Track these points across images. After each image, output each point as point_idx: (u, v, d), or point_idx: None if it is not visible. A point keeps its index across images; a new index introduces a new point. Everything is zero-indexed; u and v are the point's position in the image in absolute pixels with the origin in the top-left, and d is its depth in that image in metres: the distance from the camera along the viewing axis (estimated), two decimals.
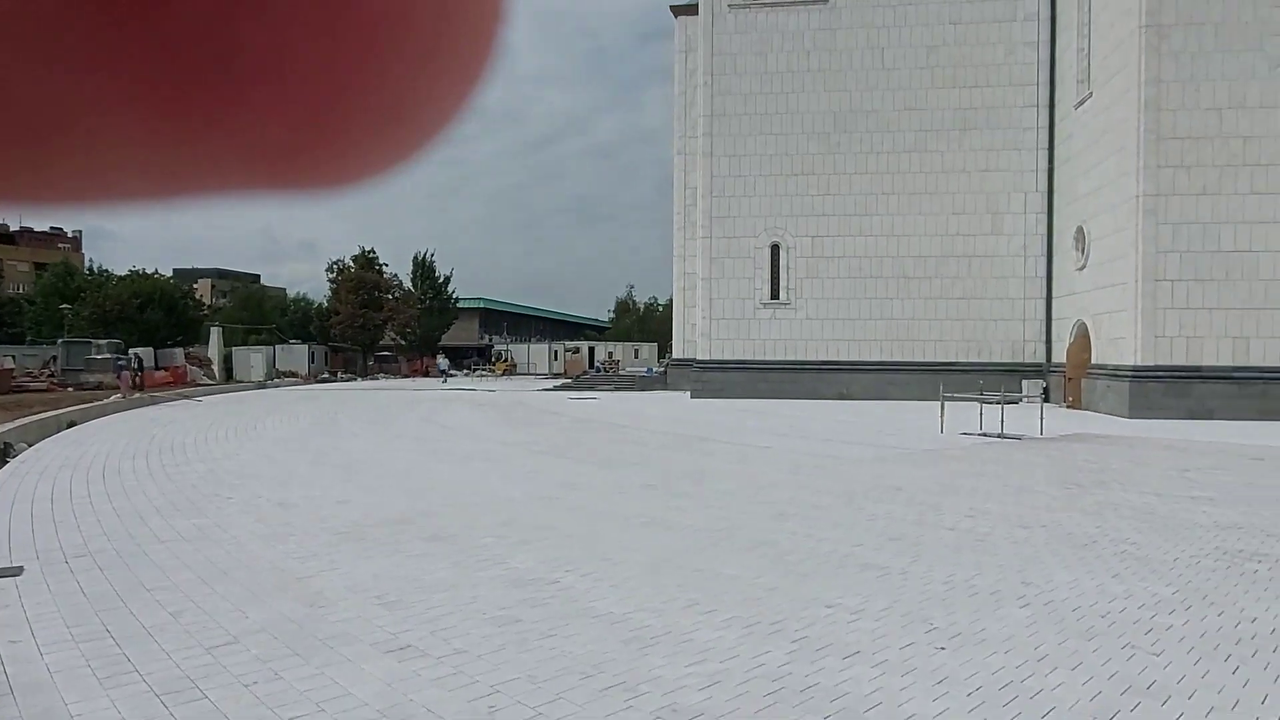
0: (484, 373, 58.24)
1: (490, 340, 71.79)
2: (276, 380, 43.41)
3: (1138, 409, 21.62)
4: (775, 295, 30.54)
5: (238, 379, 42.82)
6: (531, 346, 66.76)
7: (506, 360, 62.14)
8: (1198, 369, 21.69)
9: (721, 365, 30.60)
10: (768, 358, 30.41)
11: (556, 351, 62.60)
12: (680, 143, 37.34)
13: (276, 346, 51.66)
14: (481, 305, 72.33)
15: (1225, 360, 21.68)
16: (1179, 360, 21.76)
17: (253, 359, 45.47)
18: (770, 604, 5.74)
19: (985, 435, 17.06)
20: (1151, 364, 21.79)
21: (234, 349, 47.23)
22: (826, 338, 30.05)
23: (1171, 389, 21.63)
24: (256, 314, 59.90)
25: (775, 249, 30.57)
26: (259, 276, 73.10)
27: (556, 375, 55.29)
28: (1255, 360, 21.59)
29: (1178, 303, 21.79)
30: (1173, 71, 21.79)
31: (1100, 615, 5.53)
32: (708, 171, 31.05)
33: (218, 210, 0.24)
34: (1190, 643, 5.02)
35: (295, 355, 51.33)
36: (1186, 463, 13.29)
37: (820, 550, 7.30)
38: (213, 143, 0.20)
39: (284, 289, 72.99)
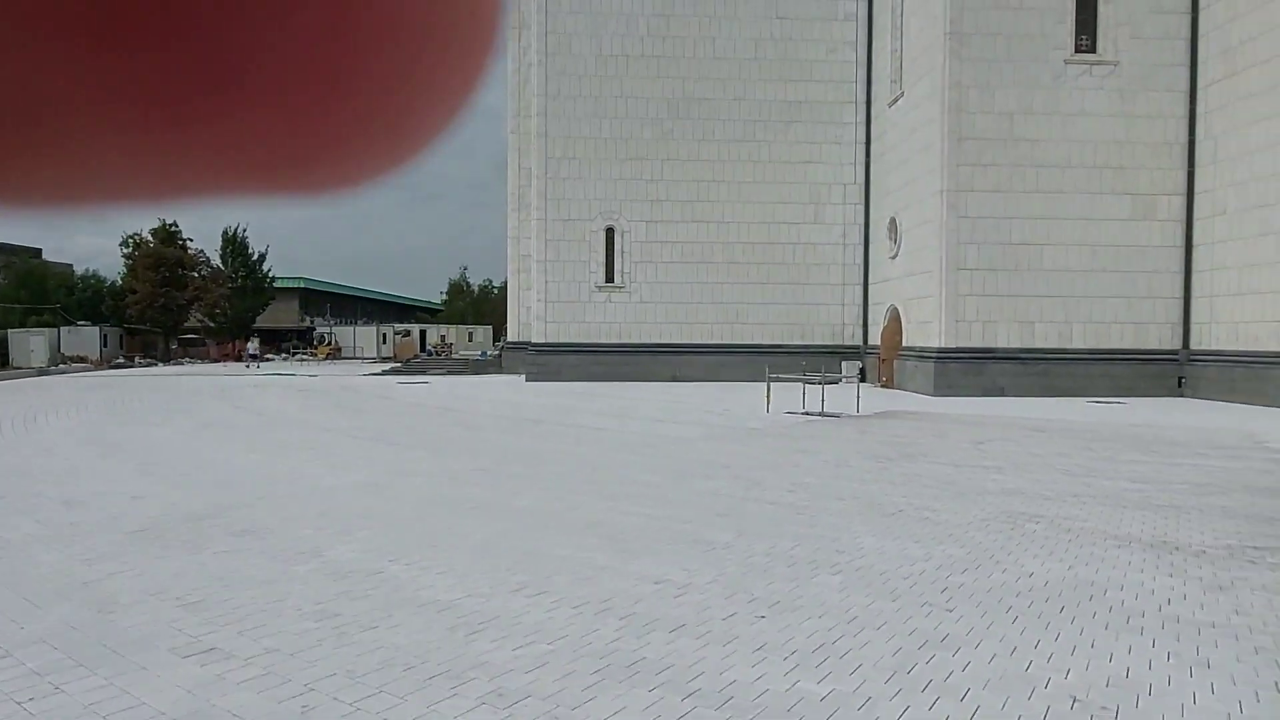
0: (305, 357, 55.23)
1: (312, 323, 68.08)
2: (62, 366, 39.28)
3: (941, 387, 23.51)
4: (610, 279, 30.79)
5: (15, 365, 38.40)
6: (358, 329, 63.93)
7: (330, 343, 59.19)
8: (991, 350, 23.83)
9: (557, 348, 30.56)
10: (603, 341, 30.66)
11: (385, 334, 60.24)
12: (514, 122, 36.75)
13: (62, 329, 46.72)
14: (302, 285, 68.36)
15: (1014, 343, 23.94)
16: (976, 343, 23.81)
17: (33, 343, 40.92)
18: (600, 583, 5.78)
19: (807, 414, 17.99)
20: (953, 346, 23.72)
21: (10, 332, 42.31)
22: (660, 321, 30.67)
23: (969, 369, 23.66)
24: (38, 293, 53.77)
25: (610, 232, 30.79)
26: (40, 251, 65.64)
27: (385, 359, 53.24)
28: (1039, 343, 23.98)
29: (975, 290, 23.82)
30: (972, 76, 23.69)
31: (903, 577, 5.95)
32: (542, 152, 30.78)
33: (208, 211, 0.23)
34: (978, 598, 5.50)
35: (85, 338, 46.62)
36: (980, 435, 14.58)
37: (651, 528, 7.44)
38: (202, 144, 0.20)
39: (70, 265, 65.89)
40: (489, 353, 47.17)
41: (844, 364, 29.36)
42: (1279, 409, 19.95)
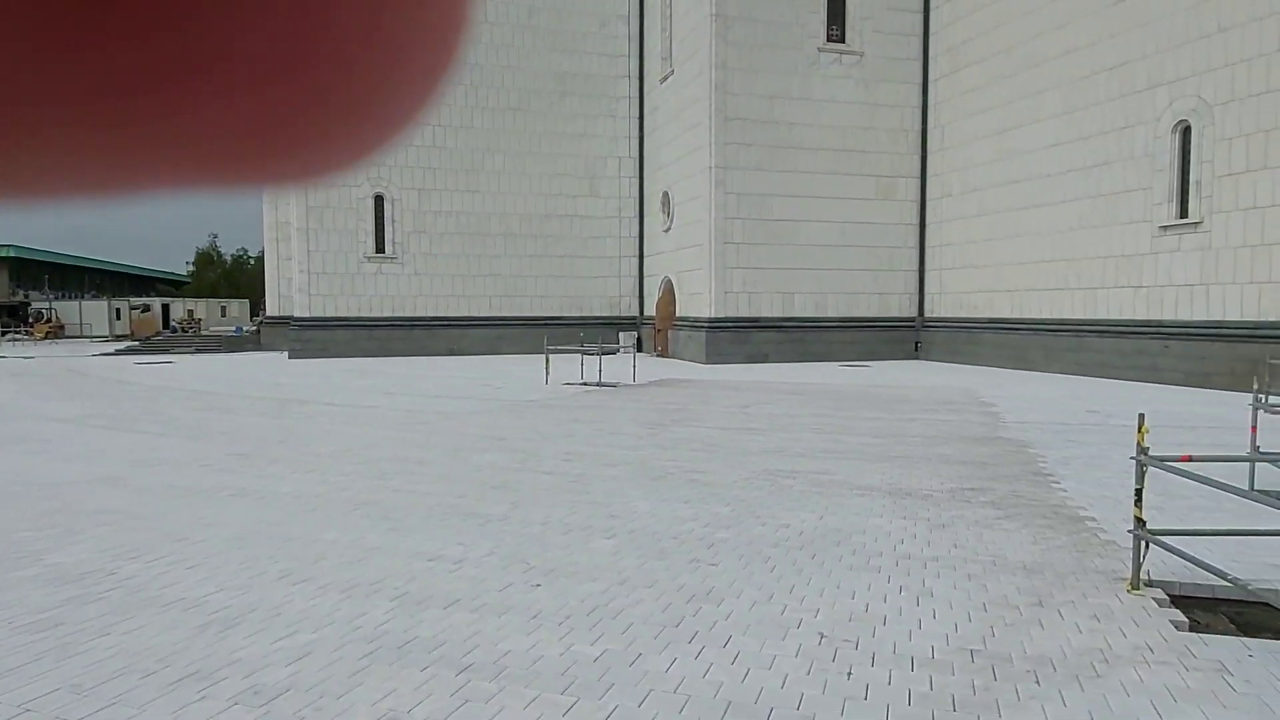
0: (18, 337, 48.25)
1: (27, 297, 59.43)
2: None
3: (713, 356, 24.77)
4: (381, 249, 29.43)
5: None
6: (85, 304, 56.56)
7: (49, 320, 52.01)
8: (757, 320, 25.40)
9: (323, 323, 28.82)
10: (374, 315, 29.32)
11: (120, 309, 53.80)
12: None
13: None
14: (11, 254, 59.33)
15: (776, 312, 25.67)
16: (743, 313, 25.28)
17: None
18: (371, 564, 5.56)
19: (585, 384, 18.28)
20: (722, 316, 25.03)
21: None
22: (436, 294, 29.80)
23: (737, 338, 25.11)
24: None
25: (380, 200, 29.39)
26: None
27: (121, 337, 47.63)
28: (798, 312, 25.89)
29: (741, 263, 25.23)
30: (736, 59, 24.88)
31: (673, 537, 6.23)
32: None
33: (183, 204, 0.23)
34: (740, 551, 5.87)
35: None
36: (745, 400, 15.54)
37: (425, 505, 7.24)
38: (156, 138, 0.19)
39: None
40: (245, 329, 43.54)
41: (621, 335, 30.11)
42: (992, 367, 22.96)
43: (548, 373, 19.14)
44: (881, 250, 26.73)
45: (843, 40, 26.01)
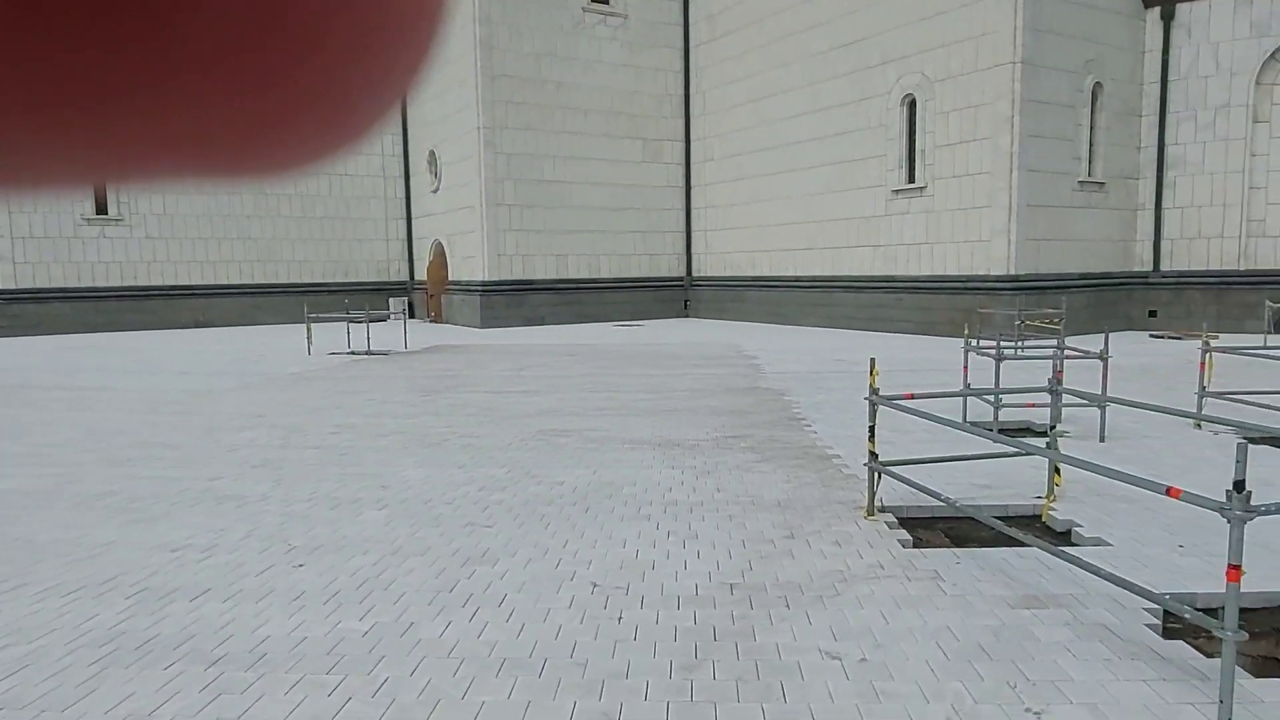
0: None
1: None
2: None
3: (488, 320, 24.44)
4: (102, 210, 26.07)
5: None
6: None
7: None
8: (531, 283, 25.34)
9: (34, 295, 25.19)
10: (99, 284, 26.00)
11: None
12: None
13: None
14: None
15: (551, 274, 25.73)
16: (518, 275, 25.10)
17: None
18: (104, 561, 5.00)
19: (353, 353, 17.42)
20: (496, 279, 24.72)
21: None
22: (175, 259, 26.94)
23: (512, 301, 24.93)
24: None
25: None
26: None
27: None
28: (573, 274, 26.11)
29: (514, 225, 24.99)
30: (500, 13, 24.33)
31: (447, 503, 6.13)
32: None
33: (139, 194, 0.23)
34: (515, 511, 5.90)
35: None
36: (521, 363, 15.52)
37: (171, 491, 6.61)
38: (139, 130, 0.19)
39: None
40: None
41: (391, 300, 28.94)
42: (755, 323, 24.50)
43: (310, 342, 18.02)
44: (651, 212, 27.51)
45: (607, 1, 26.20)
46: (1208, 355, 8.64)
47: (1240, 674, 3.43)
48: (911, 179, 20.07)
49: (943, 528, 5.65)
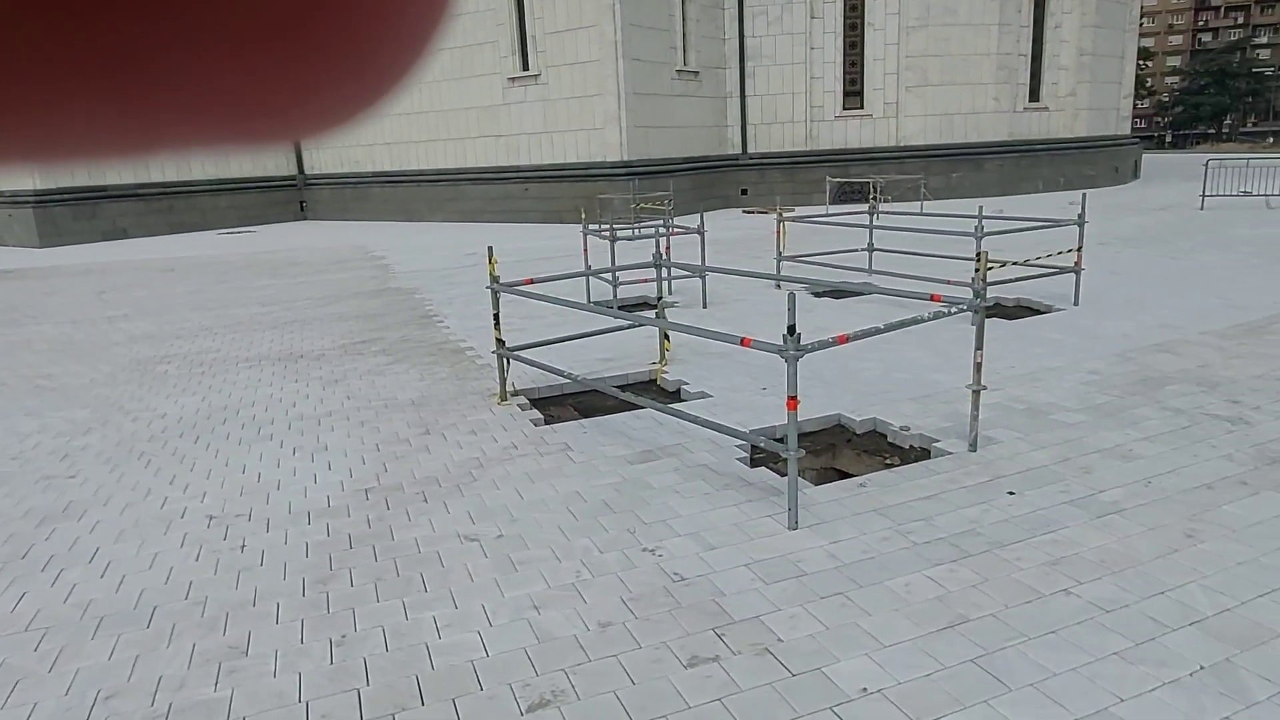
0: None
1: None
2: None
3: (49, 236, 20.44)
4: None
5: None
6: None
7: None
8: (104, 189, 21.54)
9: None
10: None
11: None
12: None
13: None
14: None
15: (129, 178, 22.05)
16: (82, 182, 21.14)
17: None
18: None
19: None
20: (54, 186, 20.60)
21: None
22: None
23: (80, 212, 21.04)
24: None
25: None
26: None
27: None
28: (156, 177, 22.58)
29: None
30: None
31: (12, 458, 5.15)
32: None
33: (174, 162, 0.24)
34: (107, 454, 5.13)
35: None
36: (103, 284, 13.30)
37: None
38: (167, 99, 0.20)
39: None
40: None
41: None
42: (383, 221, 23.36)
43: None
44: None
45: None
46: (781, 225, 9.97)
47: (804, 484, 4.13)
48: (526, 66, 20.12)
49: (573, 403, 5.98)
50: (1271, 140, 64.88)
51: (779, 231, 9.92)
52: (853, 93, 23.01)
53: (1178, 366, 6.03)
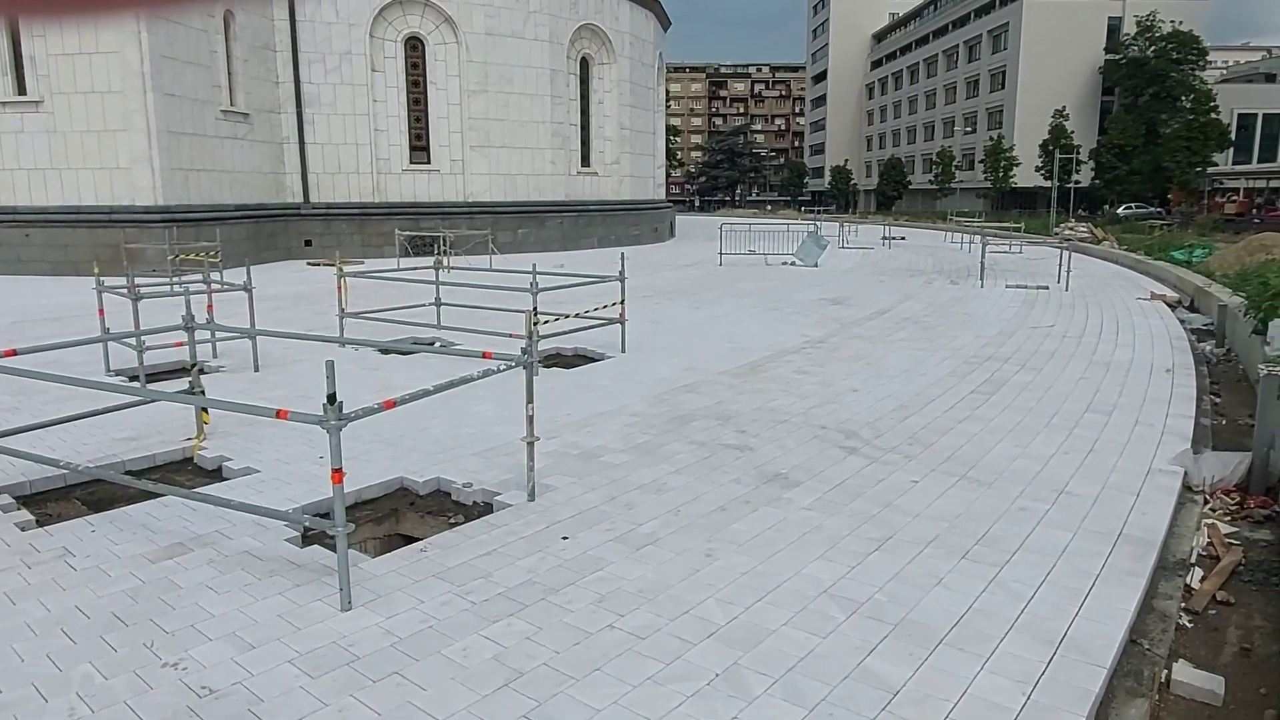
0: None
1: None
2: None
3: None
4: None
5: None
6: None
7: None
8: None
9: None
10: None
11: None
12: None
13: None
14: None
15: None
16: None
17: None
18: None
19: None
20: None
21: None
22: None
23: None
24: None
25: None
26: None
27: None
28: None
29: None
30: None
31: None
32: None
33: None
34: None
35: None
36: None
37: None
38: None
39: None
40: None
41: None
42: None
43: None
44: None
45: None
46: (343, 281, 9.58)
47: (362, 557, 3.91)
48: (22, 90, 16.93)
49: (81, 495, 5.00)
50: (769, 207, 79.63)
51: (340, 287, 9.51)
52: (419, 148, 23.22)
53: (701, 404, 6.95)
